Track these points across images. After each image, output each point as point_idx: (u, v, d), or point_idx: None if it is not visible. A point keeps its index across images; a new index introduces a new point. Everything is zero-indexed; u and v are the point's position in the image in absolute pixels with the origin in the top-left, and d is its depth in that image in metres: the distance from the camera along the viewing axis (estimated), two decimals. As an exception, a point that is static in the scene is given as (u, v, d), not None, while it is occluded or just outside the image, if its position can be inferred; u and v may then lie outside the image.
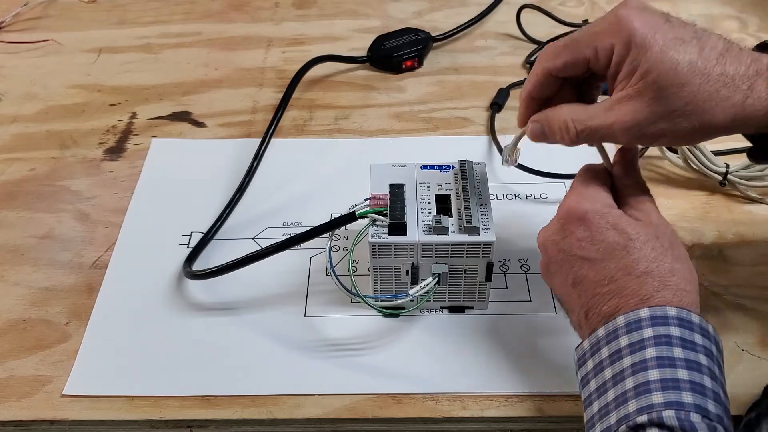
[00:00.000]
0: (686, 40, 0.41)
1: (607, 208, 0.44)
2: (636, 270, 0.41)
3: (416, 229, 0.50)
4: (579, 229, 0.44)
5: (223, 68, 0.79)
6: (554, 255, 0.45)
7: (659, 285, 0.41)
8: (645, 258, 0.42)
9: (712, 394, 0.37)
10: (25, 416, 0.49)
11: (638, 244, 0.42)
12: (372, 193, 0.52)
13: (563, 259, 0.44)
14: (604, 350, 0.40)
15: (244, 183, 0.64)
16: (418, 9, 0.88)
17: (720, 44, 0.42)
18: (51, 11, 0.89)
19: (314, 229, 0.52)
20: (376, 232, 0.50)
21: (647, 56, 0.41)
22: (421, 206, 0.51)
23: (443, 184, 0.53)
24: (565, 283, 0.45)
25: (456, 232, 0.50)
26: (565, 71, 0.46)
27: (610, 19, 0.43)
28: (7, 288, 0.57)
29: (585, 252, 0.43)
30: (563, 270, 0.44)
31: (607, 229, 0.43)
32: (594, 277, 0.42)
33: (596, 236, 0.43)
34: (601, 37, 0.43)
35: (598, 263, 0.42)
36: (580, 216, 0.44)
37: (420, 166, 0.54)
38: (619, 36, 0.42)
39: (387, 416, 0.48)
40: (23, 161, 0.68)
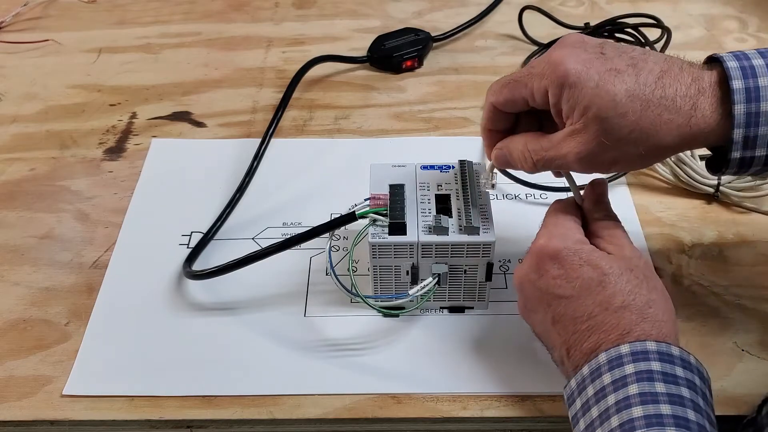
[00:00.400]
0: (621, 70, 0.42)
1: (579, 245, 0.44)
2: (613, 305, 0.41)
3: (416, 229, 0.50)
4: (553, 268, 0.44)
5: (223, 68, 0.79)
6: (531, 294, 0.45)
7: (637, 318, 0.41)
8: (621, 292, 0.42)
9: (696, 426, 0.37)
10: (25, 416, 0.49)
11: (613, 278, 0.42)
12: (372, 193, 0.52)
13: (540, 298, 0.44)
14: (590, 389, 0.40)
15: (244, 183, 0.64)
16: (418, 9, 0.88)
17: (657, 68, 0.42)
18: (51, 11, 0.89)
19: (314, 229, 0.52)
20: (376, 232, 0.50)
21: (583, 93, 0.42)
22: (421, 206, 0.51)
23: (443, 184, 0.53)
24: (545, 321, 0.44)
25: (456, 232, 0.50)
26: (508, 108, 0.47)
27: (545, 60, 0.44)
28: (7, 288, 0.57)
29: (561, 290, 0.43)
30: (541, 308, 0.44)
31: (581, 266, 0.43)
32: (572, 314, 0.42)
33: (571, 273, 0.43)
34: (537, 79, 0.44)
35: (575, 300, 0.42)
36: (552, 254, 0.44)
37: (420, 166, 0.54)
38: (552, 78, 0.43)
39: (387, 416, 0.48)
40: (23, 161, 0.68)
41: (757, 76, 0.40)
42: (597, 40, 0.45)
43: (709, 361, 0.50)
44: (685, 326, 0.53)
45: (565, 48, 0.44)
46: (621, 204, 0.62)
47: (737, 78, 0.41)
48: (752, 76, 0.41)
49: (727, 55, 0.42)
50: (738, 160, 0.42)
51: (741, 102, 0.40)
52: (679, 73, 0.42)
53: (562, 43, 0.45)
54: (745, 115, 0.40)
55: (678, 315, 0.53)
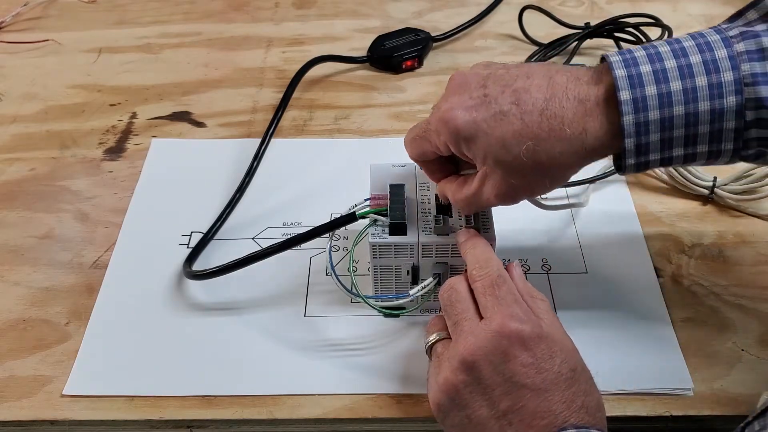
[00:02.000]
0: (506, 111, 0.43)
1: (539, 329, 0.42)
2: (575, 404, 0.40)
3: (417, 230, 0.50)
4: (523, 355, 0.41)
5: (223, 68, 0.79)
6: (488, 377, 0.41)
7: (590, 419, 0.41)
8: (583, 392, 0.41)
9: None
10: (25, 416, 0.49)
11: (578, 375, 0.41)
12: (372, 194, 0.52)
13: (498, 384, 0.41)
14: None
15: (244, 183, 0.64)
16: (418, 9, 0.88)
17: (541, 96, 0.43)
18: (51, 11, 0.89)
19: (315, 230, 0.52)
20: (376, 232, 0.50)
21: (478, 145, 0.44)
22: (421, 206, 0.51)
23: None
24: (491, 407, 0.41)
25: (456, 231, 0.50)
26: (424, 158, 0.49)
27: (437, 117, 0.45)
28: (7, 288, 0.57)
29: (530, 380, 0.40)
30: (495, 395, 0.41)
31: (552, 358, 0.41)
32: (535, 408, 0.40)
33: (542, 365, 0.41)
34: (435, 135, 0.46)
35: (542, 394, 0.40)
36: (520, 338, 0.41)
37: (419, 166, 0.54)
38: (447, 135, 0.45)
39: (387, 416, 0.48)
40: (23, 161, 0.68)
41: (644, 85, 0.41)
42: (480, 74, 0.45)
43: (709, 361, 0.51)
44: (685, 326, 0.53)
45: (452, 97, 0.45)
46: (621, 203, 0.62)
47: (625, 89, 0.41)
48: (639, 85, 0.41)
49: (616, 60, 0.42)
50: (634, 165, 0.42)
51: (630, 113, 0.41)
52: (564, 97, 0.42)
53: (448, 89, 0.46)
54: (635, 125, 0.41)
55: (678, 315, 0.53)
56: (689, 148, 0.42)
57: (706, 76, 0.40)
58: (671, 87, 0.40)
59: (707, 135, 0.41)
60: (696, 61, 0.41)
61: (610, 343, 0.52)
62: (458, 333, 0.43)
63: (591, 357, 0.48)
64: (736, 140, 0.41)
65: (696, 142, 0.41)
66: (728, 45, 0.40)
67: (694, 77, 0.40)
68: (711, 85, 0.40)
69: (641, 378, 0.49)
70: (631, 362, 0.50)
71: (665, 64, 0.41)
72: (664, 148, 0.42)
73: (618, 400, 0.48)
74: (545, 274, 0.56)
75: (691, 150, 0.42)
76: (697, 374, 0.50)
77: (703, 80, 0.40)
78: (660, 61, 0.41)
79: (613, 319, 0.53)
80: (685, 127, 0.41)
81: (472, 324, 0.43)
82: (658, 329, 0.52)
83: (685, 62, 0.41)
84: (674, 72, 0.41)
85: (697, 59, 0.41)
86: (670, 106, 0.40)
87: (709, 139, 0.41)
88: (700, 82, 0.40)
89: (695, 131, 0.41)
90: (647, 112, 0.41)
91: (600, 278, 0.56)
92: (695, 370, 0.50)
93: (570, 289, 0.55)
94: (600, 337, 0.52)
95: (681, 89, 0.40)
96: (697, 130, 0.41)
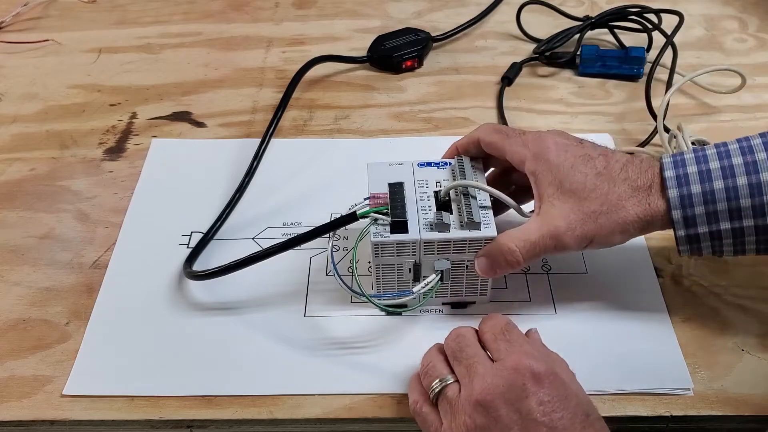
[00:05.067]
0: (593, 156, 0.49)
1: (553, 367, 0.43)
2: None
3: (417, 227, 0.50)
4: (540, 392, 0.41)
5: (223, 68, 0.79)
6: (506, 416, 0.41)
7: None
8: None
9: None
10: (25, 416, 0.49)
11: (592, 420, 0.41)
12: (371, 192, 0.52)
13: (516, 422, 0.41)
14: None
15: (243, 183, 0.64)
16: (418, 9, 0.88)
17: (621, 159, 0.49)
18: (51, 11, 0.89)
19: (316, 230, 0.52)
20: (377, 231, 0.50)
21: (559, 169, 0.48)
22: (420, 204, 0.51)
23: (441, 181, 0.53)
24: None
25: (457, 228, 0.50)
26: (487, 149, 0.53)
27: (534, 142, 0.50)
28: (7, 288, 0.57)
29: (548, 418, 0.40)
30: None
31: (567, 399, 0.41)
32: None
33: (558, 404, 0.41)
34: (520, 155, 0.50)
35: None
36: (535, 375, 0.41)
37: (417, 163, 0.54)
38: (537, 163, 0.49)
39: (387, 416, 0.48)
40: (23, 161, 0.68)
41: (686, 165, 0.47)
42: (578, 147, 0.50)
43: (709, 361, 0.51)
44: (685, 326, 0.53)
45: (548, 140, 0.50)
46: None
47: (669, 168, 0.47)
48: (682, 165, 0.47)
49: (667, 161, 0.48)
50: (684, 237, 0.47)
51: (674, 187, 0.47)
52: (640, 164, 0.49)
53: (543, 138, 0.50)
54: (679, 198, 0.46)
55: (678, 315, 0.53)
56: (735, 222, 0.46)
57: (742, 157, 0.46)
58: (710, 165, 0.46)
59: (749, 209, 0.45)
60: (734, 148, 0.47)
61: (610, 343, 0.51)
62: (472, 375, 0.43)
63: (591, 357, 0.48)
64: None
65: (741, 217, 0.46)
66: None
67: (731, 157, 0.46)
68: (747, 163, 0.46)
69: (641, 378, 0.49)
70: (631, 362, 0.50)
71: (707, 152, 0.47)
72: (711, 221, 0.46)
73: (618, 400, 0.48)
74: (545, 274, 0.56)
75: (738, 224, 0.46)
76: (697, 374, 0.50)
77: (739, 159, 0.46)
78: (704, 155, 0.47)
79: (613, 319, 0.53)
80: (726, 201, 0.45)
81: (485, 366, 0.43)
82: (658, 329, 0.52)
83: (724, 149, 0.47)
84: (714, 156, 0.47)
85: (735, 146, 0.47)
86: (710, 181, 0.46)
87: (753, 213, 0.45)
88: (736, 161, 0.46)
89: (737, 204, 0.45)
90: (689, 186, 0.46)
91: (600, 278, 0.56)
92: (695, 370, 0.50)
93: (570, 289, 0.55)
94: (600, 337, 0.52)
95: (719, 167, 0.46)
96: (740, 203, 0.45)
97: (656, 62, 0.72)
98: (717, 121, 0.71)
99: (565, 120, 0.71)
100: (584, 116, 0.72)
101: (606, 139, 0.68)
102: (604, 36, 0.81)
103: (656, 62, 0.72)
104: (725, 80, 0.73)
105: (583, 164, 0.49)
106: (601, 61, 0.76)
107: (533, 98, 0.74)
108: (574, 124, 0.71)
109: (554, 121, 0.71)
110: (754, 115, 0.71)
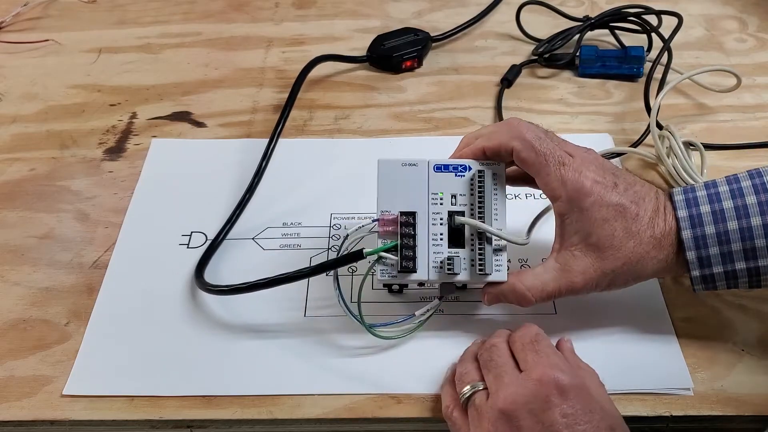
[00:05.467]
0: (626, 206, 0.47)
1: (580, 380, 0.43)
2: None
3: (426, 266, 0.48)
4: (564, 404, 0.41)
5: (223, 68, 0.79)
6: (528, 426, 0.41)
7: None
8: None
9: None
10: (25, 416, 0.49)
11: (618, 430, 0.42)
12: (381, 212, 0.49)
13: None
14: None
15: (253, 184, 0.63)
16: (418, 9, 0.88)
17: (651, 207, 0.47)
18: (51, 11, 0.89)
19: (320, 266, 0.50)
20: (384, 269, 0.48)
21: (590, 221, 0.47)
22: (432, 230, 0.49)
23: (457, 195, 0.50)
24: None
25: (467, 269, 0.49)
26: (519, 164, 0.49)
27: (572, 183, 0.47)
28: (7, 288, 0.57)
29: (571, 430, 0.41)
30: None
31: (592, 413, 0.41)
32: None
33: (581, 417, 0.41)
34: (553, 191, 0.48)
35: None
36: (560, 387, 0.42)
37: (434, 166, 0.50)
38: (569, 207, 0.47)
39: (387, 416, 0.48)
40: (23, 161, 0.68)
41: (699, 204, 0.47)
42: (610, 167, 0.49)
43: (709, 361, 0.51)
44: (686, 326, 0.53)
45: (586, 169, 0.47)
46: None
47: (682, 208, 0.47)
48: (695, 204, 0.47)
49: (679, 199, 0.47)
50: (699, 277, 0.47)
51: (687, 228, 0.46)
52: (665, 214, 0.47)
53: (580, 163, 0.48)
54: (693, 239, 0.46)
55: (678, 315, 0.53)
56: (750, 262, 0.46)
57: (756, 196, 0.46)
58: (723, 205, 0.46)
59: (765, 249, 0.45)
60: (746, 185, 0.47)
61: (610, 343, 0.51)
62: (498, 384, 0.44)
63: (591, 357, 0.48)
64: None
65: (756, 256, 0.45)
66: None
67: (744, 197, 0.46)
68: (761, 202, 0.45)
69: (641, 378, 0.49)
70: (631, 362, 0.50)
71: (719, 189, 0.47)
72: (726, 261, 0.46)
73: (618, 400, 0.48)
74: (545, 274, 0.56)
75: (753, 264, 0.46)
76: (697, 374, 0.50)
77: (753, 199, 0.46)
78: (716, 192, 0.47)
79: (613, 319, 0.53)
80: (741, 242, 0.45)
81: (512, 376, 0.44)
82: (658, 329, 0.52)
83: (737, 186, 0.47)
84: (726, 193, 0.47)
85: (748, 183, 0.47)
86: (724, 221, 0.46)
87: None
88: (750, 200, 0.46)
89: (752, 245, 0.45)
90: (703, 227, 0.46)
91: (600, 278, 0.56)
92: (695, 370, 0.50)
93: (570, 289, 0.55)
94: (600, 337, 0.52)
95: (733, 207, 0.46)
96: (755, 243, 0.45)
97: (656, 62, 0.72)
98: (717, 121, 0.71)
99: (565, 120, 0.71)
100: (584, 116, 0.72)
101: (606, 139, 0.68)
102: (603, 36, 0.81)
103: (656, 62, 0.72)
104: (725, 80, 0.73)
105: (614, 218, 0.47)
106: (601, 61, 0.76)
107: (533, 98, 0.74)
108: (574, 124, 0.71)
109: (554, 121, 0.71)
110: (754, 115, 0.71)
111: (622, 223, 0.47)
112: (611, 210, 0.47)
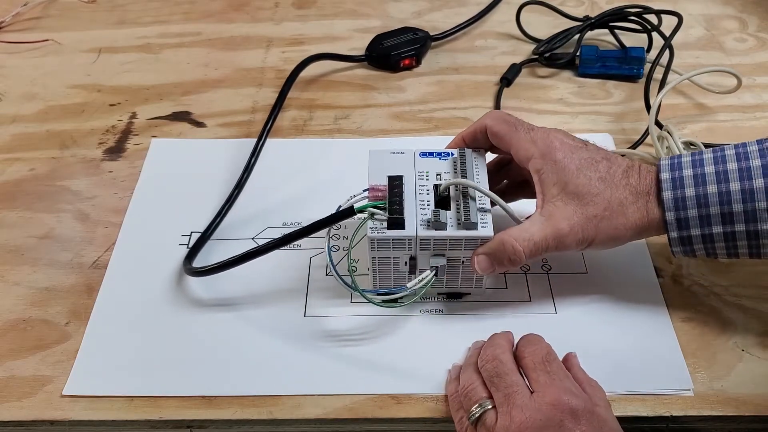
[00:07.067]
0: (598, 160, 0.50)
1: (591, 405, 0.43)
2: None
3: (414, 224, 0.50)
4: (577, 429, 0.42)
5: (223, 68, 0.79)
6: None
7: None
8: None
9: None
10: (25, 416, 0.49)
11: None
12: (371, 184, 0.52)
13: None
14: None
15: (241, 181, 0.64)
16: (418, 9, 0.88)
17: (624, 164, 0.50)
18: (51, 11, 0.89)
19: (314, 224, 0.52)
20: (374, 226, 0.50)
21: (564, 170, 0.49)
22: (419, 198, 0.51)
23: (442, 173, 0.53)
24: None
25: (454, 226, 0.50)
26: (493, 139, 0.53)
27: (542, 140, 0.50)
28: (7, 288, 0.57)
29: None
30: None
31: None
32: None
33: None
34: (527, 152, 0.50)
35: None
36: (573, 412, 0.42)
37: (419, 153, 0.54)
38: (543, 161, 0.50)
39: (387, 416, 0.48)
40: (23, 161, 0.68)
41: (682, 168, 0.48)
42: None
43: (709, 361, 0.51)
44: (685, 326, 0.53)
45: (556, 139, 0.50)
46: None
47: (666, 171, 0.48)
48: (678, 168, 0.48)
49: (665, 163, 0.49)
50: (677, 239, 0.48)
51: (669, 189, 0.47)
52: (639, 171, 0.49)
53: (553, 135, 0.51)
54: (673, 200, 0.47)
55: (678, 315, 0.53)
56: (727, 227, 0.46)
57: (737, 162, 0.47)
58: (705, 170, 0.47)
59: (741, 214, 0.46)
60: (730, 153, 0.47)
61: (610, 343, 0.51)
62: (510, 405, 0.43)
63: (591, 357, 0.48)
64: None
65: (733, 221, 0.46)
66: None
67: (726, 163, 0.47)
68: (741, 169, 0.46)
69: (641, 378, 0.49)
70: (631, 362, 0.50)
71: (704, 156, 0.48)
72: (703, 224, 0.47)
73: (618, 400, 0.48)
74: (545, 274, 0.56)
75: (729, 228, 0.46)
76: (697, 374, 0.50)
77: (734, 165, 0.47)
78: (700, 159, 0.48)
79: (613, 319, 0.53)
80: (719, 205, 0.46)
81: (524, 398, 0.43)
82: (658, 329, 0.52)
83: (720, 154, 0.48)
84: (710, 160, 0.47)
85: (731, 151, 0.47)
86: (704, 185, 0.47)
87: (744, 218, 0.46)
88: (731, 166, 0.47)
89: (730, 209, 0.46)
90: (684, 189, 0.47)
91: (600, 278, 0.56)
92: (695, 370, 0.50)
93: (570, 289, 0.55)
94: (600, 337, 0.52)
95: (714, 171, 0.47)
96: (732, 208, 0.46)
97: (656, 62, 0.72)
98: (717, 121, 0.71)
99: (565, 120, 0.71)
100: (584, 116, 0.72)
101: (606, 139, 0.68)
102: (604, 36, 0.81)
103: (656, 62, 0.72)
104: (725, 80, 0.73)
105: (587, 167, 0.49)
106: (601, 61, 0.76)
107: (533, 98, 0.74)
108: (574, 124, 0.71)
109: (554, 121, 0.71)
110: (754, 115, 0.71)
111: (596, 173, 0.49)
112: (583, 161, 0.49)
